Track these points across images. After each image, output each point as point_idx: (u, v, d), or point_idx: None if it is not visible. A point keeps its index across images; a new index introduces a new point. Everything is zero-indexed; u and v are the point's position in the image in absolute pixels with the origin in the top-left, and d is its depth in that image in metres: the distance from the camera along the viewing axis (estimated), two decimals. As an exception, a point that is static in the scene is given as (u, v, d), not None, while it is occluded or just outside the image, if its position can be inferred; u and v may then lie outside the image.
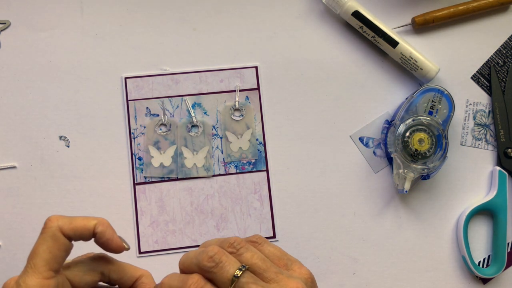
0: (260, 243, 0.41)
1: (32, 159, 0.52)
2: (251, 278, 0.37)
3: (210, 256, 0.37)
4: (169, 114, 0.53)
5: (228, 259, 0.38)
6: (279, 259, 0.40)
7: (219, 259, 0.37)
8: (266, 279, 0.38)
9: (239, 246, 0.39)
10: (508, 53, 0.56)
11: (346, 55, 0.55)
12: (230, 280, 0.37)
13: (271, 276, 0.38)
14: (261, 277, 0.38)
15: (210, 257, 0.37)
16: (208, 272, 0.37)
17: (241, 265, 0.38)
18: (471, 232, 0.55)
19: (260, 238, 0.41)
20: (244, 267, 0.37)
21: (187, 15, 0.55)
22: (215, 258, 0.37)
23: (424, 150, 0.51)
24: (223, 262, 0.37)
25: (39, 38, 0.53)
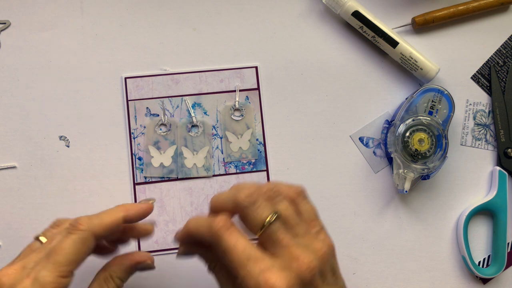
0: (302, 196, 0.41)
1: (32, 159, 0.52)
2: (282, 227, 0.38)
3: (249, 194, 0.38)
4: (169, 114, 0.53)
5: (264, 202, 0.38)
6: (312, 219, 0.41)
7: (256, 198, 0.38)
8: (295, 232, 0.38)
9: (277, 194, 0.39)
10: (508, 53, 0.56)
11: (346, 55, 0.55)
12: (262, 223, 0.37)
13: (300, 231, 0.39)
14: (289, 229, 0.38)
15: (248, 195, 0.38)
16: (242, 209, 0.38)
17: (275, 211, 0.38)
18: (471, 232, 0.55)
19: (303, 192, 0.41)
20: (277, 213, 0.38)
21: (187, 15, 0.55)
22: (253, 196, 0.38)
23: (424, 150, 0.51)
24: (259, 203, 0.38)
25: (39, 38, 0.53)
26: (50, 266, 0.38)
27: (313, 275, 0.37)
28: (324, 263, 0.38)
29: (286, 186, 0.41)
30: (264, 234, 0.38)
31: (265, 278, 0.35)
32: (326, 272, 0.39)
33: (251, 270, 0.36)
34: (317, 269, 0.37)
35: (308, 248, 0.38)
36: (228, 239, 0.37)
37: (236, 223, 0.39)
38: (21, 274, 0.38)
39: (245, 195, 0.38)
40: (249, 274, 0.36)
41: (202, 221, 0.39)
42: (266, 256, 0.37)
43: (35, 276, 0.37)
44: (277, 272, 0.36)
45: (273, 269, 0.36)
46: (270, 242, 0.38)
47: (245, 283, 0.36)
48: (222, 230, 0.37)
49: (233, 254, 0.37)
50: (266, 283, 0.35)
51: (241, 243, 0.37)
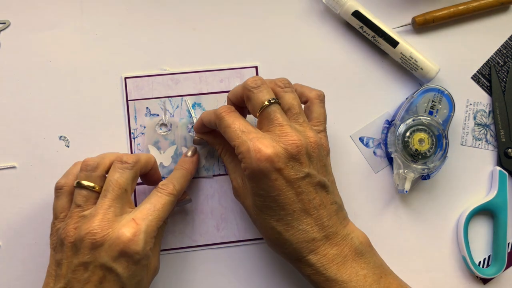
0: (321, 100, 0.49)
1: (32, 159, 0.52)
2: (279, 109, 0.44)
3: (255, 79, 0.45)
4: (169, 114, 0.53)
5: (267, 88, 0.45)
6: (318, 120, 0.48)
7: (260, 83, 0.45)
8: (293, 119, 0.45)
9: (288, 86, 0.46)
10: (509, 53, 0.56)
11: (346, 55, 0.55)
12: (262, 104, 0.44)
13: (299, 120, 0.45)
14: (290, 116, 0.45)
15: (254, 80, 0.45)
16: (248, 90, 0.45)
17: (276, 99, 0.44)
18: (471, 232, 0.55)
19: (322, 96, 0.49)
20: (277, 100, 0.44)
21: (187, 15, 0.55)
22: (257, 82, 0.45)
23: (424, 150, 0.51)
24: (262, 87, 0.45)
25: (39, 38, 0.53)
26: (153, 220, 0.43)
27: (298, 151, 0.42)
28: (313, 149, 0.44)
29: (309, 88, 0.49)
30: (262, 113, 0.44)
31: (254, 143, 0.42)
32: (314, 157, 0.44)
33: (243, 138, 0.43)
34: (303, 148, 0.43)
35: (301, 133, 0.44)
36: (227, 119, 0.44)
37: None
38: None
39: (251, 80, 0.45)
40: (241, 142, 0.43)
41: (211, 111, 0.47)
42: (258, 131, 0.44)
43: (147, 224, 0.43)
44: (265, 139, 0.42)
45: (262, 138, 0.42)
46: (266, 121, 0.44)
47: (238, 150, 0.43)
48: (223, 114, 0.45)
49: (230, 129, 0.44)
50: (254, 146, 0.42)
51: (238, 122, 0.44)
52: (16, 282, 0.50)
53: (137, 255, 0.41)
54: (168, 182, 0.46)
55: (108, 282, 0.41)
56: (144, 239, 0.41)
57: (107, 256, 0.41)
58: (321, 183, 0.44)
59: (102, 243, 0.41)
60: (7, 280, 0.51)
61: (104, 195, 0.43)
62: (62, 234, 0.42)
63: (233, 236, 0.53)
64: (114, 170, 0.44)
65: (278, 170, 0.42)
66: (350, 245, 0.44)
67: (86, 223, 0.41)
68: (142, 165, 0.46)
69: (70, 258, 0.42)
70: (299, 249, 0.43)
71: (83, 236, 0.41)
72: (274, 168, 0.42)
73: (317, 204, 0.43)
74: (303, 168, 0.43)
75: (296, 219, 0.43)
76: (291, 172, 0.42)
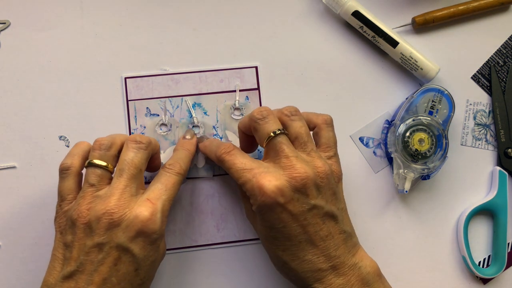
0: (328, 124, 0.47)
1: (32, 159, 0.52)
2: (286, 141, 0.43)
3: (261, 110, 0.44)
4: (169, 114, 0.53)
5: (274, 119, 0.44)
6: (327, 146, 0.46)
7: (267, 115, 0.44)
8: (301, 149, 0.44)
9: (295, 114, 0.46)
10: (508, 53, 0.56)
11: (346, 55, 0.55)
12: (268, 135, 0.43)
13: (306, 149, 0.44)
14: (297, 146, 0.44)
15: (260, 111, 0.44)
16: (254, 122, 0.44)
17: (283, 129, 0.44)
18: (471, 232, 0.55)
19: (331, 121, 0.48)
20: (284, 131, 0.44)
21: (187, 15, 0.55)
22: (263, 113, 0.44)
23: (424, 150, 0.51)
24: (268, 119, 0.44)
25: (39, 38, 0.53)
26: (165, 199, 0.43)
27: (304, 184, 0.41)
28: (321, 179, 0.43)
29: (316, 114, 0.48)
30: (268, 144, 0.43)
31: (257, 179, 0.41)
32: (323, 187, 0.43)
33: (246, 176, 0.42)
34: (310, 180, 0.42)
35: (308, 163, 0.43)
36: (228, 160, 0.44)
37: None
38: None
39: (257, 111, 0.45)
40: (245, 180, 0.42)
41: (212, 146, 0.48)
42: (262, 164, 0.43)
43: (157, 199, 0.43)
44: (268, 174, 0.42)
45: (265, 172, 0.42)
46: (272, 152, 0.43)
47: (244, 188, 0.43)
48: (223, 156, 0.45)
49: (233, 169, 0.44)
50: (258, 183, 0.41)
51: (238, 160, 0.44)
52: (16, 282, 0.50)
53: (154, 234, 0.41)
54: (174, 161, 0.46)
55: (123, 263, 0.40)
56: (161, 218, 0.42)
57: (124, 236, 0.40)
58: (330, 213, 0.43)
59: (119, 223, 0.40)
60: (7, 280, 0.51)
61: (120, 175, 0.42)
62: (74, 215, 0.41)
63: (233, 236, 0.53)
64: (128, 150, 0.44)
65: (283, 204, 0.41)
66: (357, 275, 0.43)
67: (102, 203, 0.41)
68: (153, 147, 0.46)
69: (83, 240, 0.40)
70: (305, 278, 0.43)
71: (99, 216, 0.40)
72: (279, 202, 0.41)
73: (324, 235, 0.43)
74: (310, 200, 0.42)
75: (301, 250, 0.42)
76: (297, 205, 0.42)
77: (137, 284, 0.42)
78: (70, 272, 0.40)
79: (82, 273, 0.40)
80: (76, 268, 0.40)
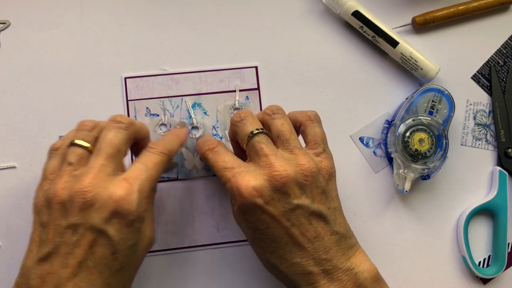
0: (312, 119, 0.46)
1: (32, 159, 0.52)
2: (265, 140, 0.43)
3: (239, 113, 0.45)
4: (169, 114, 0.53)
5: (252, 120, 0.44)
6: (315, 142, 0.45)
7: (244, 117, 0.44)
8: (283, 147, 0.43)
9: (276, 113, 0.45)
10: (509, 53, 0.56)
11: (346, 55, 0.55)
12: (246, 136, 0.43)
13: (289, 147, 0.43)
14: (280, 144, 0.43)
15: (238, 114, 0.44)
16: (233, 125, 0.45)
17: (262, 128, 0.43)
18: (471, 232, 0.55)
19: (315, 116, 0.46)
20: (263, 130, 0.43)
21: (187, 15, 0.55)
22: (241, 115, 0.44)
23: (424, 150, 0.51)
24: (246, 120, 0.44)
25: (39, 38, 0.53)
26: (149, 180, 0.41)
27: (284, 183, 0.40)
28: (305, 177, 0.41)
29: (300, 111, 0.47)
30: (248, 145, 0.43)
31: (235, 179, 0.41)
32: (307, 186, 0.41)
33: (226, 175, 0.42)
34: (291, 179, 0.40)
35: (290, 161, 0.41)
36: (211, 157, 0.44)
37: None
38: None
39: (236, 115, 0.45)
40: (225, 179, 0.42)
41: (200, 143, 0.47)
42: (242, 164, 0.42)
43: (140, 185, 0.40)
44: (246, 174, 0.41)
45: (244, 172, 0.41)
46: (251, 152, 0.43)
47: (226, 187, 0.42)
48: (207, 152, 0.45)
49: (215, 167, 0.43)
50: (236, 183, 0.41)
51: (221, 158, 0.43)
52: (16, 282, 0.50)
53: (131, 215, 0.38)
54: (158, 142, 0.44)
55: (99, 246, 0.38)
56: (138, 199, 0.38)
57: (98, 217, 0.37)
58: (317, 213, 0.41)
59: (92, 203, 0.38)
60: (7, 280, 0.50)
61: (97, 154, 0.40)
62: (50, 194, 0.39)
63: (233, 236, 0.53)
64: (108, 129, 0.42)
65: (262, 205, 0.40)
66: (353, 281, 0.41)
67: (77, 182, 0.38)
68: (136, 128, 0.43)
69: (58, 220, 0.38)
70: (296, 281, 0.42)
71: (73, 195, 0.38)
72: (257, 203, 0.40)
73: (311, 236, 0.41)
74: (292, 200, 0.40)
75: (288, 252, 0.41)
76: (278, 206, 0.40)
77: (116, 269, 0.39)
78: (45, 254, 0.38)
79: (57, 255, 0.38)
80: (51, 250, 0.38)
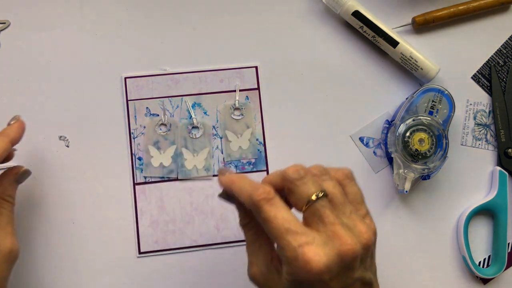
0: (349, 178, 0.41)
1: (32, 159, 0.52)
2: (328, 204, 0.37)
3: (297, 169, 0.38)
4: (169, 114, 0.53)
5: (312, 179, 0.38)
6: (358, 202, 0.41)
7: (304, 174, 0.38)
8: (340, 212, 0.38)
9: (324, 173, 0.40)
10: (509, 53, 0.56)
11: (346, 55, 0.55)
12: (308, 198, 0.37)
13: (346, 211, 0.38)
14: (335, 208, 0.38)
15: (297, 170, 0.38)
16: (290, 182, 0.38)
17: (323, 189, 0.38)
18: (471, 232, 0.55)
19: (350, 174, 0.42)
20: (325, 191, 0.38)
21: (187, 15, 0.55)
22: (300, 172, 0.38)
23: (425, 150, 0.51)
24: (307, 179, 0.38)
25: (39, 38, 0.53)
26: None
27: (354, 258, 0.36)
28: (366, 248, 0.38)
29: (334, 168, 0.41)
30: (309, 209, 0.37)
31: (303, 251, 0.35)
32: (365, 256, 0.38)
33: (290, 241, 0.36)
34: (358, 254, 0.37)
35: (352, 230, 0.38)
36: (268, 210, 0.37)
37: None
38: None
39: (293, 170, 0.38)
40: (288, 246, 0.36)
41: (246, 185, 0.39)
42: (308, 231, 0.36)
43: None
44: (317, 248, 0.35)
45: (313, 243, 0.36)
46: (314, 218, 0.37)
47: (283, 254, 0.36)
48: (262, 202, 0.37)
49: (273, 224, 0.36)
50: (304, 256, 0.35)
51: (282, 214, 0.37)
52: (16, 282, 0.50)
53: None
54: None
55: None
56: None
57: None
58: (368, 282, 0.39)
59: None
60: (7, 280, 0.50)
61: None
62: None
63: (233, 236, 0.53)
64: None
65: (327, 281, 0.36)
66: None
67: None
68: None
69: None
70: None
71: None
72: (323, 279, 0.36)
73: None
74: (354, 274, 0.37)
75: None
76: (341, 280, 0.37)
77: None
78: None
79: None
80: None
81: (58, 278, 0.51)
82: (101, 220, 0.52)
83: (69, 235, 0.51)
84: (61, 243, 0.51)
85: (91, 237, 0.51)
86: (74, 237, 0.51)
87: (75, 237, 0.51)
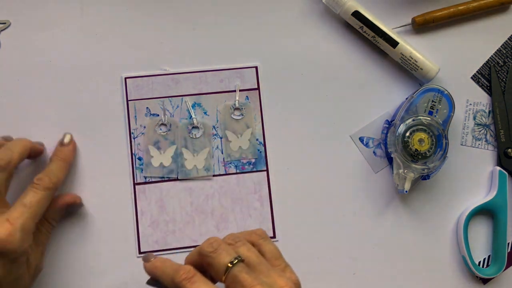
0: (262, 237, 0.44)
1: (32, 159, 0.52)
2: (245, 268, 0.39)
3: (210, 242, 0.40)
4: (169, 114, 0.53)
5: (226, 248, 0.41)
6: (275, 258, 0.43)
7: (218, 246, 0.40)
8: (258, 272, 0.40)
9: (237, 240, 0.42)
10: (508, 53, 0.56)
11: (346, 55, 0.55)
12: (225, 267, 0.39)
13: (263, 270, 0.40)
14: (253, 270, 0.40)
15: (210, 243, 0.40)
16: (206, 256, 0.40)
17: (237, 255, 0.40)
18: (471, 232, 0.55)
19: (263, 234, 0.44)
20: (239, 257, 0.40)
21: (187, 15, 0.55)
22: (214, 244, 0.40)
23: (424, 150, 0.51)
24: (221, 249, 0.40)
25: (39, 38, 0.53)
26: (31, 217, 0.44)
27: None
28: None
29: (247, 232, 0.44)
30: (228, 277, 0.39)
31: None
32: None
33: None
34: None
35: (273, 286, 0.39)
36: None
37: None
38: None
39: (207, 244, 0.40)
40: None
41: (168, 269, 0.41)
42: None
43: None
44: None
45: None
46: (235, 285, 0.39)
47: None
48: (184, 282, 0.39)
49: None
50: None
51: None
52: (16, 282, 0.50)
53: (14, 253, 0.42)
54: (43, 176, 0.46)
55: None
56: (20, 237, 0.42)
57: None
58: None
59: None
60: (7, 280, 0.51)
61: None
62: None
63: (233, 236, 0.53)
64: None
65: None
66: None
67: None
68: (15, 162, 0.46)
69: None
70: None
71: None
72: None
73: None
74: None
75: None
76: None
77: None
78: None
79: None
80: None
81: (58, 278, 0.51)
82: (101, 220, 0.52)
83: (69, 235, 0.51)
84: (61, 243, 0.51)
85: (91, 237, 0.51)
86: (74, 237, 0.51)
87: (75, 237, 0.51)
